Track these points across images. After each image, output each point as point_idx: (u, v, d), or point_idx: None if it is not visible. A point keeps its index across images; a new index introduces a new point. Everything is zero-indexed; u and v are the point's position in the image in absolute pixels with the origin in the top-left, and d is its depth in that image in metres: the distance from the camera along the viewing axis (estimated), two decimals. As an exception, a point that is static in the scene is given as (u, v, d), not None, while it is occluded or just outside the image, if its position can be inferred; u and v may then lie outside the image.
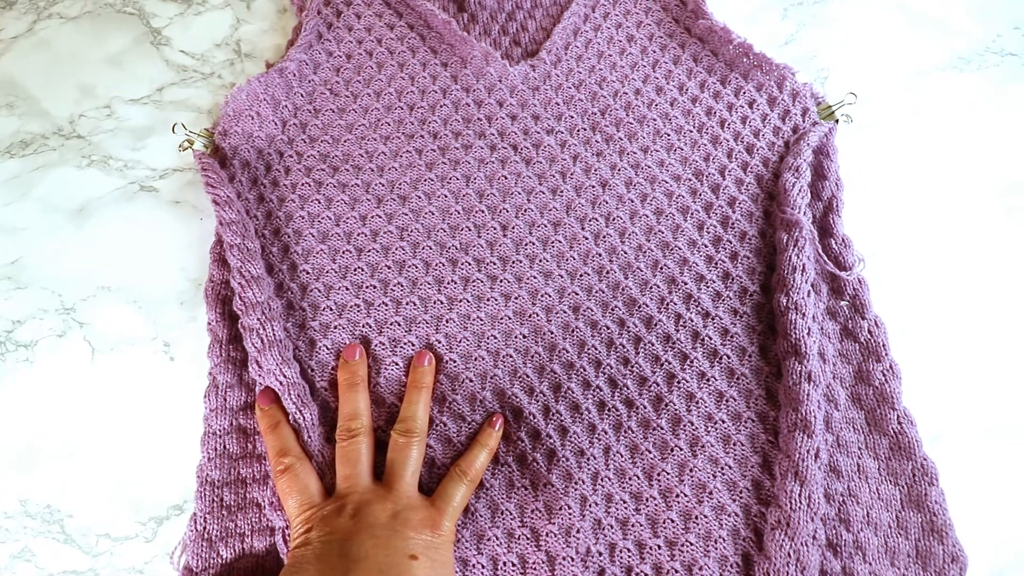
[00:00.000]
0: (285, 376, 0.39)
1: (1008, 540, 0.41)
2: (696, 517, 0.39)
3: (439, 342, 0.42)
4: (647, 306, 0.44)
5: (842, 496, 0.40)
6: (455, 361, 0.42)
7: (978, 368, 0.45)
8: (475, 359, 0.42)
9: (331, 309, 0.43)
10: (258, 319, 0.39)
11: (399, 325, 0.43)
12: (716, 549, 0.38)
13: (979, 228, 0.48)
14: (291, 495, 0.36)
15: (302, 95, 0.50)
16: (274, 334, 0.39)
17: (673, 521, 0.39)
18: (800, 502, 0.37)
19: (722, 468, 0.40)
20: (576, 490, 0.39)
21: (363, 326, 0.43)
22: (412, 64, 0.51)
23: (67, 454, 0.41)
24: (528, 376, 0.42)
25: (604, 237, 0.45)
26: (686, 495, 0.39)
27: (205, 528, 0.38)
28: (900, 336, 0.44)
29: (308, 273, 0.44)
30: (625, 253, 0.45)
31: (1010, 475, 0.42)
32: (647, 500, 0.39)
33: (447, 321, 0.43)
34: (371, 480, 0.37)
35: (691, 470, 0.40)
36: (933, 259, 0.47)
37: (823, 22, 0.55)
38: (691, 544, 0.38)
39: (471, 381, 0.42)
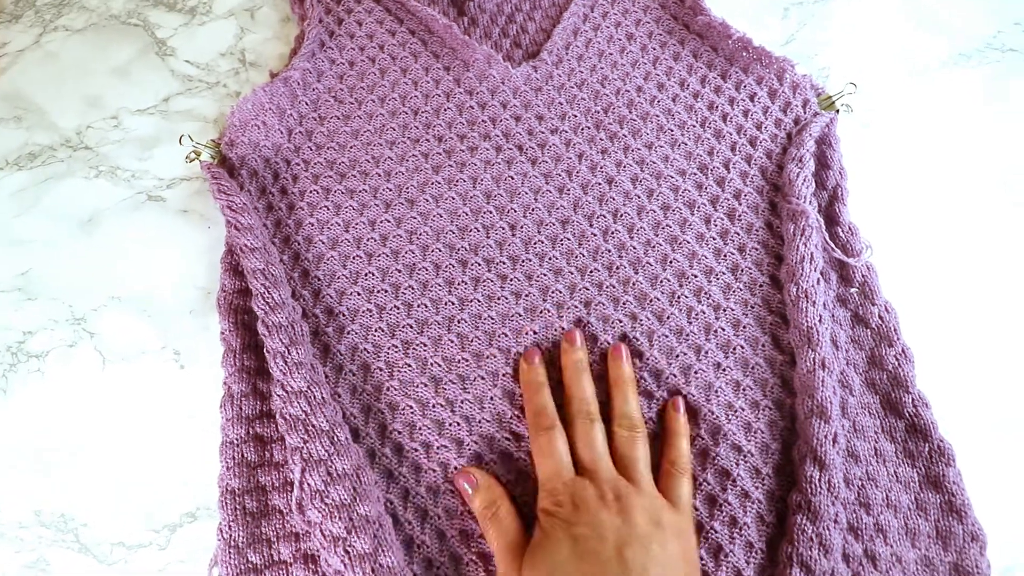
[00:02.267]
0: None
1: (1015, 540, 0.40)
2: (720, 504, 0.38)
3: (451, 342, 0.42)
4: (658, 300, 0.44)
5: (861, 480, 0.40)
6: (467, 361, 0.42)
7: (983, 361, 0.45)
8: (487, 358, 0.42)
9: (344, 314, 0.43)
10: (286, 317, 0.40)
11: (411, 327, 0.43)
12: (741, 536, 0.38)
13: (981, 219, 0.49)
14: (550, 455, 0.38)
15: (307, 103, 0.50)
16: (303, 330, 0.40)
17: (697, 508, 0.39)
18: (820, 486, 0.37)
19: (744, 456, 0.40)
20: None
21: (375, 330, 0.43)
22: (415, 69, 0.52)
23: (79, 463, 0.41)
24: (541, 374, 0.42)
25: (613, 233, 0.46)
26: (709, 483, 0.39)
27: (231, 536, 0.37)
28: (909, 323, 0.44)
29: (320, 279, 0.44)
30: (634, 248, 0.45)
31: (1017, 472, 0.42)
32: None
33: (459, 321, 0.43)
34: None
35: (714, 458, 0.40)
36: (937, 249, 0.48)
37: (823, 20, 0.56)
38: (716, 531, 0.38)
39: (483, 379, 0.42)
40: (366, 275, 0.44)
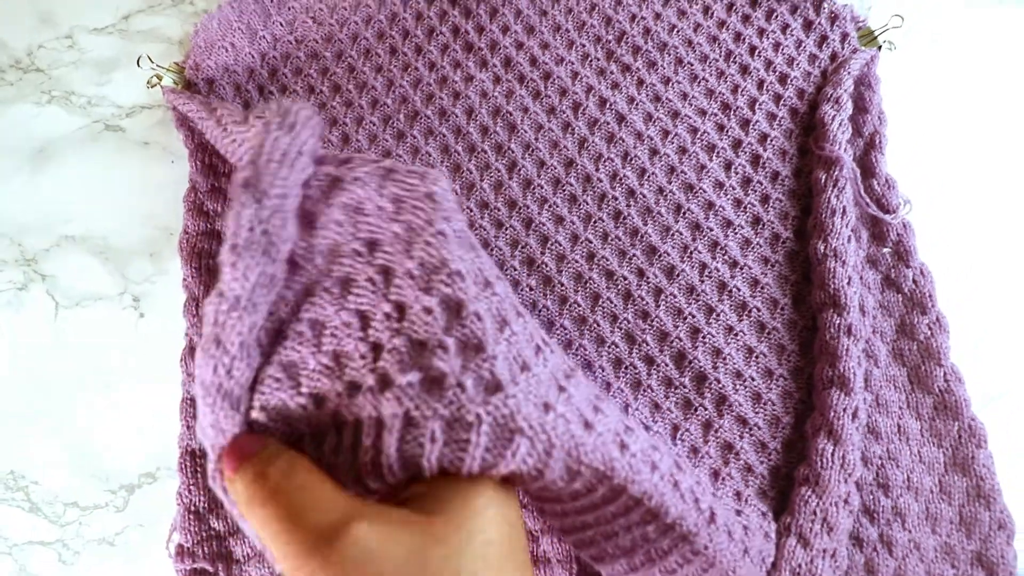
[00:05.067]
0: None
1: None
2: (723, 478, 0.35)
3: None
4: (669, 255, 0.39)
5: (881, 459, 0.36)
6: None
7: None
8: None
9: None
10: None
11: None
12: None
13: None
14: None
15: (281, 24, 0.45)
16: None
17: (699, 483, 0.35)
18: (832, 461, 0.34)
19: (751, 428, 0.36)
20: None
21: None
22: (405, -13, 0.46)
23: (30, 417, 0.38)
24: (536, 332, 0.38)
25: (621, 179, 0.41)
26: (711, 456, 0.36)
27: (191, 501, 0.34)
28: (946, 287, 0.40)
29: (293, 220, 0.40)
30: (644, 196, 0.41)
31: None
32: None
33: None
34: None
35: (716, 430, 0.36)
36: (983, 208, 0.43)
37: (865, -61, 0.49)
38: (718, 510, 0.35)
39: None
40: (346, 218, 0.40)
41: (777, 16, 0.45)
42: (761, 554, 0.32)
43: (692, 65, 0.44)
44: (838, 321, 0.36)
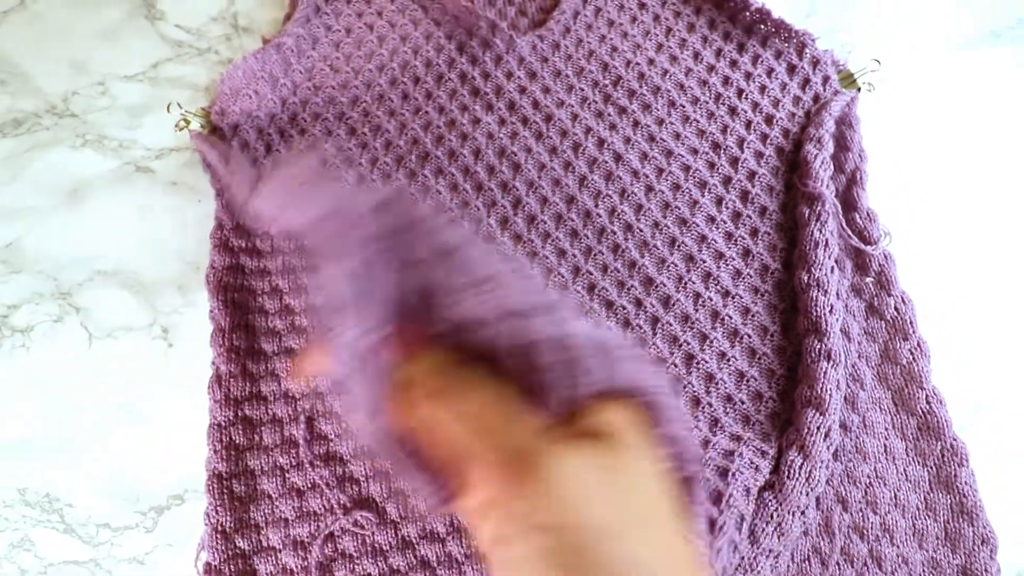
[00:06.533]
0: None
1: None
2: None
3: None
4: (664, 285, 0.42)
5: (869, 478, 0.38)
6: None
7: (999, 357, 0.43)
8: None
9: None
10: None
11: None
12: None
13: (1009, 207, 0.47)
14: None
15: (301, 72, 0.48)
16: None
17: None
18: (799, 473, 0.36)
19: (744, 442, 0.38)
20: None
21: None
22: (415, 37, 0.49)
23: (65, 442, 0.40)
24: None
25: (619, 214, 0.44)
26: (706, 477, 0.38)
27: (219, 521, 0.36)
28: (928, 314, 0.42)
29: (312, 254, 0.43)
30: (641, 230, 0.43)
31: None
32: None
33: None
34: None
35: (714, 445, 0.38)
36: (962, 235, 0.46)
37: (845, -9, 0.53)
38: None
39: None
40: (361, 253, 0.43)
41: (762, 61, 0.48)
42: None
43: (684, 107, 0.47)
44: (818, 346, 0.39)
